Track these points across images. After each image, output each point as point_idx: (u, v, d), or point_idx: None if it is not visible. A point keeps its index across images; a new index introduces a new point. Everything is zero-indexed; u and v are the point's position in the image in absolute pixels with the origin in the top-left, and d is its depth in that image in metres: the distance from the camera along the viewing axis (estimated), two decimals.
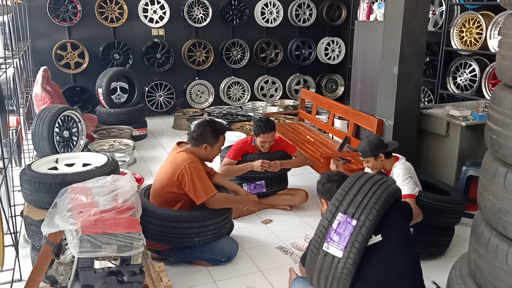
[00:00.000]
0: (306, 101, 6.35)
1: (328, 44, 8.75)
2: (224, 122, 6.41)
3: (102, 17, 7.31)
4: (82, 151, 4.70)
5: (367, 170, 3.66)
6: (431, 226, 3.25)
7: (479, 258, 1.92)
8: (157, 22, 7.62)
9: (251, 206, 3.50)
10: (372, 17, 5.28)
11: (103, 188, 2.46)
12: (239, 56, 8.26)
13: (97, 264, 2.23)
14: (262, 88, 8.64)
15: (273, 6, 8.24)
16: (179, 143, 3.44)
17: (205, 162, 3.43)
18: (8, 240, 2.99)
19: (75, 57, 7.29)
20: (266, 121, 4.03)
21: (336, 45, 8.79)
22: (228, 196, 3.34)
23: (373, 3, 5.33)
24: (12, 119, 4.49)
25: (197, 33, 8.00)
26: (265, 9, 8.21)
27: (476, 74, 5.93)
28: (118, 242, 2.21)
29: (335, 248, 2.14)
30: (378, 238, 2.22)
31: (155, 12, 7.58)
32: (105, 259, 2.23)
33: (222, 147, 3.49)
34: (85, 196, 2.39)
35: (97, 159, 3.34)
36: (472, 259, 2.00)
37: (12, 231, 3.02)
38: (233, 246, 3.34)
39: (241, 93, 8.47)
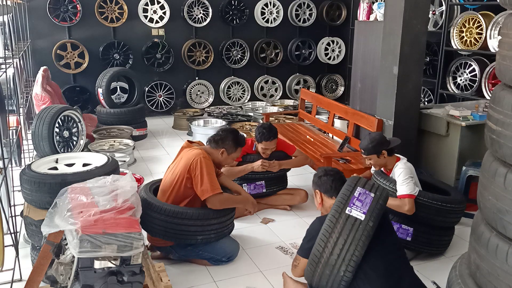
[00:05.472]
0: (306, 101, 6.35)
1: (328, 44, 8.75)
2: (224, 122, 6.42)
3: (102, 17, 7.31)
4: (82, 151, 4.70)
5: (372, 170, 3.67)
6: (431, 226, 3.25)
7: (479, 258, 1.92)
8: (157, 22, 7.62)
9: (249, 207, 3.50)
10: (372, 17, 5.28)
11: (103, 188, 2.46)
12: (239, 56, 8.26)
13: (97, 264, 2.23)
14: (262, 88, 8.63)
15: (273, 6, 8.24)
16: (189, 142, 3.47)
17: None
18: (8, 240, 2.99)
19: (75, 57, 7.29)
20: (269, 128, 3.95)
21: (336, 45, 8.79)
22: (231, 197, 3.35)
23: (373, 3, 5.32)
24: (12, 119, 4.49)
25: (197, 33, 8.00)
26: (265, 9, 8.21)
27: (476, 74, 5.92)
28: (118, 242, 2.21)
29: (357, 211, 2.36)
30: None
31: (155, 12, 7.58)
32: (105, 259, 2.23)
33: None
34: (85, 196, 2.39)
35: (97, 159, 3.34)
36: (472, 259, 2.00)
37: (12, 231, 3.02)
38: (234, 246, 3.35)
39: (241, 93, 8.47)
